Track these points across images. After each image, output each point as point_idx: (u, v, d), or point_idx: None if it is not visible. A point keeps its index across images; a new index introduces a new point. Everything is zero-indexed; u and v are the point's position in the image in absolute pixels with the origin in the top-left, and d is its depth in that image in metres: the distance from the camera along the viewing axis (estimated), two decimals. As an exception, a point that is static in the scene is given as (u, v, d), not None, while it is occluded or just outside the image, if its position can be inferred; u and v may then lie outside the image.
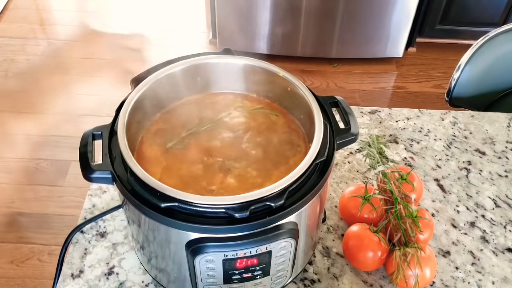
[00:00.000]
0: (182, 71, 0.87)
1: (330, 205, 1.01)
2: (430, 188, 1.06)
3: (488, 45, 1.44)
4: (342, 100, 0.85)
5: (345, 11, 2.55)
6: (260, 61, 0.87)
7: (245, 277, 0.75)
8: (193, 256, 0.70)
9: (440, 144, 1.15)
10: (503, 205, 1.03)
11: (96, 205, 1.00)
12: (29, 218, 2.04)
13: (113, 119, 0.79)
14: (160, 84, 0.85)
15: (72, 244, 0.94)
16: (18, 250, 1.94)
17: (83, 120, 2.44)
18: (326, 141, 0.77)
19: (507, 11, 2.59)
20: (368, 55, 2.77)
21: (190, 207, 0.68)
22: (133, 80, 0.85)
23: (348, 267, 0.92)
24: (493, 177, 1.08)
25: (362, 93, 2.65)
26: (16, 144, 2.34)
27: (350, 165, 1.09)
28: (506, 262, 0.94)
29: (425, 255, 0.85)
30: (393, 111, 1.23)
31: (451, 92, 1.49)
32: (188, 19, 3.09)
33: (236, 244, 0.69)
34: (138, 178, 0.70)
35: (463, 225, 0.99)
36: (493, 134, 1.18)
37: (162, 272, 0.83)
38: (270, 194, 0.68)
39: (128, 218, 0.81)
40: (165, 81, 0.86)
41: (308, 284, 0.90)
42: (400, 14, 2.57)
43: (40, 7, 3.15)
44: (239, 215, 0.67)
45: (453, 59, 1.75)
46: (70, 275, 0.89)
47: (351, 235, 0.90)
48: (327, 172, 0.75)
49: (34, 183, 2.16)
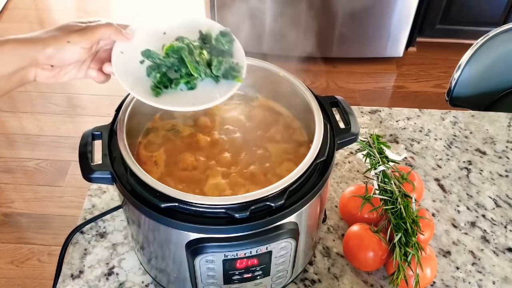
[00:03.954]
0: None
1: (331, 205, 1.01)
2: (430, 188, 1.05)
3: (489, 44, 1.43)
4: (342, 100, 0.85)
5: (345, 11, 2.55)
6: (260, 60, 0.87)
7: (245, 277, 0.75)
8: (193, 256, 0.70)
9: (441, 143, 1.15)
10: (503, 205, 1.03)
11: (96, 206, 1.00)
12: (29, 218, 2.04)
13: (113, 119, 0.79)
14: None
15: (72, 244, 0.94)
16: (18, 250, 1.94)
17: (83, 120, 2.44)
18: (326, 141, 0.77)
19: (507, 10, 2.59)
20: (369, 54, 2.77)
21: (190, 207, 0.67)
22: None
23: (348, 267, 0.92)
24: (494, 177, 1.08)
25: (362, 93, 2.65)
26: (16, 144, 2.34)
27: (350, 165, 1.09)
28: (507, 262, 0.94)
29: (426, 255, 0.85)
30: (393, 111, 1.22)
31: (452, 91, 1.49)
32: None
33: (236, 244, 0.69)
34: (138, 178, 0.69)
35: (464, 225, 0.99)
36: (493, 133, 1.18)
37: (162, 272, 0.83)
38: (270, 194, 0.68)
39: (128, 219, 0.81)
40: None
41: (308, 284, 0.90)
42: (401, 14, 2.56)
43: (40, 7, 3.15)
44: (239, 215, 0.67)
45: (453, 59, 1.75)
46: (70, 276, 0.89)
47: (352, 235, 0.90)
48: (327, 172, 0.75)
49: (34, 183, 2.16)
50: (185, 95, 0.75)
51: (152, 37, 0.78)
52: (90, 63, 0.74)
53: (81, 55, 0.70)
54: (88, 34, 0.69)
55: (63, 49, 0.68)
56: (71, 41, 0.68)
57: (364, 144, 0.94)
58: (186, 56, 0.74)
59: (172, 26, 0.79)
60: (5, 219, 2.03)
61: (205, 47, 0.77)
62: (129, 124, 0.77)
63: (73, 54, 0.69)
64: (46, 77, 0.70)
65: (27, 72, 0.68)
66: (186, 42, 0.75)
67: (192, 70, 0.74)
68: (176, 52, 0.75)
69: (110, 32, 0.72)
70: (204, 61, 0.75)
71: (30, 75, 0.69)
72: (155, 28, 0.79)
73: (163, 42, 0.77)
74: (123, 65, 0.73)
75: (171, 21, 0.80)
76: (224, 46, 0.77)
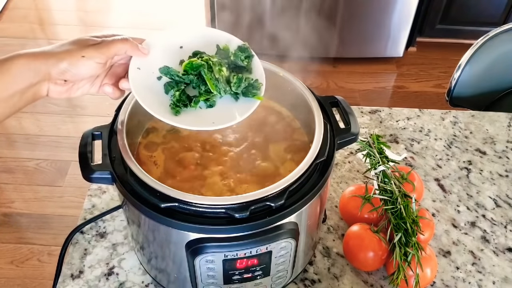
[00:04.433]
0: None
1: (331, 205, 1.01)
2: (430, 188, 1.05)
3: (489, 44, 1.43)
4: (342, 100, 0.85)
5: (345, 11, 2.55)
6: (261, 60, 0.87)
7: (245, 277, 0.75)
8: (193, 256, 0.70)
9: (441, 143, 1.15)
10: (503, 204, 1.03)
11: (96, 206, 1.00)
12: (28, 218, 2.04)
13: (113, 119, 0.79)
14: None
15: (72, 244, 0.94)
16: (18, 250, 1.94)
17: (83, 120, 2.44)
18: (326, 141, 0.77)
19: (507, 10, 2.59)
20: (368, 54, 2.77)
21: (190, 207, 0.67)
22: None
23: (348, 267, 0.92)
24: (494, 177, 1.08)
25: (362, 93, 2.65)
26: (16, 144, 2.34)
27: (350, 165, 1.09)
28: (507, 262, 0.94)
29: (426, 255, 0.85)
30: (393, 111, 1.22)
31: (452, 91, 1.49)
32: (188, 18, 3.08)
33: (236, 245, 0.69)
34: (137, 178, 0.69)
35: (464, 225, 0.99)
36: (493, 133, 1.18)
37: (162, 272, 0.83)
38: (270, 194, 0.68)
39: (128, 219, 0.81)
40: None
41: (308, 284, 0.90)
42: (401, 14, 2.56)
43: (39, 7, 3.14)
44: (239, 215, 0.67)
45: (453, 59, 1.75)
46: (70, 276, 0.89)
47: (352, 235, 0.90)
48: (327, 172, 0.75)
49: (33, 183, 2.16)
50: (205, 113, 0.74)
51: (169, 52, 0.76)
52: (104, 77, 0.73)
53: (95, 70, 0.69)
54: (103, 49, 0.68)
55: (77, 64, 0.67)
56: (86, 56, 0.67)
57: (364, 144, 0.94)
58: (206, 73, 0.72)
59: (189, 40, 0.78)
60: (5, 219, 2.03)
61: (223, 63, 0.75)
62: (129, 124, 0.77)
63: (88, 69, 0.68)
64: (59, 92, 0.69)
65: (40, 87, 0.67)
66: (205, 58, 0.73)
67: (212, 88, 0.73)
68: (195, 69, 0.73)
69: (126, 47, 0.70)
70: (223, 78, 0.74)
71: (43, 91, 0.68)
72: (171, 42, 0.77)
73: (180, 57, 0.76)
74: (140, 83, 0.72)
75: (187, 35, 0.78)
76: (243, 62, 0.76)
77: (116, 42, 0.69)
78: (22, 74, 0.65)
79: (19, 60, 0.64)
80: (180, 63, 0.76)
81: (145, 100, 0.71)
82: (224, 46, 0.77)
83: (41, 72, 0.66)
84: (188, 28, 0.79)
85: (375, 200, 0.91)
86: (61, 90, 0.69)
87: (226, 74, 0.74)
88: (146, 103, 0.70)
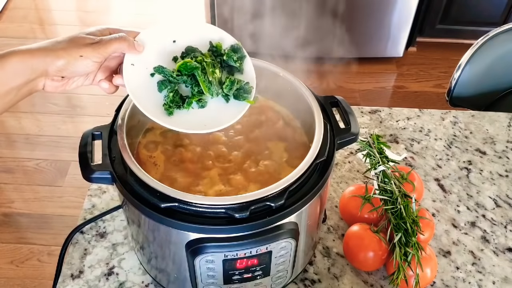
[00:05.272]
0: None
1: (331, 205, 1.01)
2: (430, 188, 1.05)
3: (489, 44, 1.43)
4: (342, 100, 0.85)
5: (345, 11, 2.55)
6: (260, 60, 0.87)
7: (245, 277, 0.75)
8: (193, 256, 0.70)
9: (441, 143, 1.15)
10: (503, 205, 1.03)
11: (96, 206, 1.00)
12: (28, 218, 2.04)
13: (113, 119, 0.79)
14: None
15: (72, 244, 0.94)
16: (18, 250, 1.94)
17: (83, 120, 2.44)
18: (326, 141, 0.77)
19: (507, 10, 2.59)
20: (368, 54, 2.77)
21: (190, 207, 0.67)
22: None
23: (348, 267, 0.92)
24: (494, 177, 1.08)
25: (362, 92, 2.65)
26: (16, 144, 2.34)
27: (350, 165, 1.09)
28: (507, 262, 0.94)
29: (426, 255, 0.85)
30: (393, 110, 1.22)
31: (452, 91, 1.49)
32: (187, 18, 3.08)
33: (236, 245, 0.69)
34: (137, 178, 0.69)
35: (464, 225, 0.99)
36: (493, 133, 1.18)
37: (162, 272, 0.83)
38: (270, 194, 0.68)
39: (128, 219, 0.81)
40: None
41: (308, 284, 0.90)
42: (401, 14, 2.56)
43: (39, 7, 3.14)
44: (239, 215, 0.67)
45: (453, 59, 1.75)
46: (70, 276, 0.89)
47: (352, 235, 0.90)
48: (327, 172, 0.75)
49: (33, 183, 2.16)
50: (196, 114, 0.74)
51: (162, 45, 0.77)
52: (97, 72, 0.74)
53: (92, 68, 0.70)
54: (101, 49, 0.68)
55: (75, 63, 0.68)
56: (83, 55, 0.67)
57: (364, 144, 0.93)
58: (199, 75, 0.73)
59: (182, 34, 0.78)
60: (5, 219, 2.03)
61: (216, 63, 0.76)
62: (129, 124, 0.77)
63: (85, 67, 0.69)
64: (55, 87, 0.70)
65: (36, 83, 0.68)
66: (199, 59, 0.74)
67: (205, 90, 0.73)
68: (189, 70, 0.74)
69: (123, 47, 0.71)
70: (216, 80, 0.75)
71: (39, 86, 0.69)
72: (165, 36, 0.78)
73: (173, 51, 0.77)
74: (135, 81, 0.73)
75: (180, 28, 0.79)
76: (236, 63, 0.76)
77: (114, 42, 0.70)
78: (19, 71, 0.65)
79: (15, 57, 0.65)
80: (173, 59, 0.76)
81: (140, 101, 0.71)
82: (217, 43, 0.78)
83: (39, 69, 0.66)
84: (181, 23, 0.79)
85: (375, 200, 0.91)
86: (57, 85, 0.70)
87: (219, 76, 0.75)
88: (141, 104, 0.71)
